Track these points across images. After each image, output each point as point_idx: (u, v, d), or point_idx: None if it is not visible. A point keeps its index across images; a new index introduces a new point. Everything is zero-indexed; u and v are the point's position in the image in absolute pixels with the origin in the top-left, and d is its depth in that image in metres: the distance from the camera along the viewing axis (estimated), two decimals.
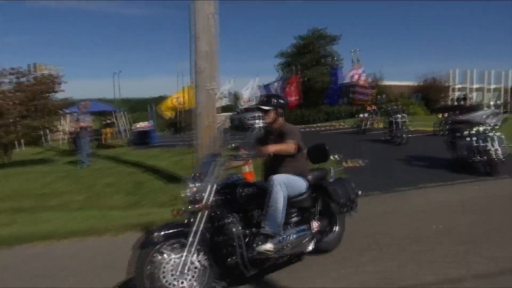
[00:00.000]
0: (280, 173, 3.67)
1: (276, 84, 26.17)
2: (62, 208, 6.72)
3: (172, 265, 3.01)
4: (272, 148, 3.55)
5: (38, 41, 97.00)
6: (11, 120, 12.15)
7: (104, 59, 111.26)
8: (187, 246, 3.05)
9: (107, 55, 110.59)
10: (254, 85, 26.53)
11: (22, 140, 14.44)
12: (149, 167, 10.55)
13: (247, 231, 3.39)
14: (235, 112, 26.06)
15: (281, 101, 3.98)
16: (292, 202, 3.66)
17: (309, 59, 30.88)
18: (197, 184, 3.24)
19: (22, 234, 5.26)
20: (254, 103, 27.55)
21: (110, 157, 13.44)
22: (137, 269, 2.93)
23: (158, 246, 3.00)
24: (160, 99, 31.64)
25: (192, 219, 3.15)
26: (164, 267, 3.01)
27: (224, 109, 20.26)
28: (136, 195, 7.62)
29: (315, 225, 3.83)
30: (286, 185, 3.54)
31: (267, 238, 3.40)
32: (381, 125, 16.87)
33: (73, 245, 4.95)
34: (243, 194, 3.44)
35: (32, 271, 4.12)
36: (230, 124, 24.08)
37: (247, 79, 28.43)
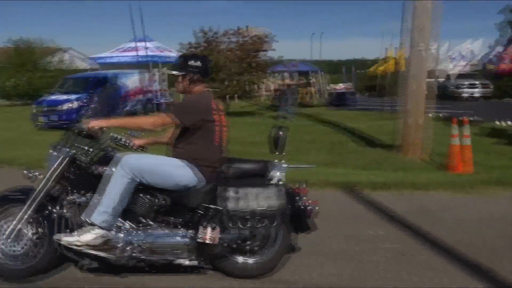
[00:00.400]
0: (174, 156, 2.94)
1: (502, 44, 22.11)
2: (266, 157, 7.40)
3: (5, 229, 2.96)
4: (106, 122, 2.83)
5: (247, 6, 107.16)
6: (225, 76, 13.97)
7: (302, 22, 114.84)
8: (19, 214, 2.89)
9: (307, 17, 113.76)
10: (474, 48, 23.03)
11: (236, 94, 16.40)
12: (346, 128, 10.64)
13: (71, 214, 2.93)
14: (444, 79, 23.15)
15: (198, 63, 2.98)
16: (173, 195, 2.89)
17: None
18: (53, 153, 2.94)
19: None
20: (467, 69, 24.21)
21: (308, 116, 14.05)
22: None
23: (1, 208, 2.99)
24: (357, 62, 31.00)
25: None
26: None
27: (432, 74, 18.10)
28: (333, 154, 7.78)
29: (207, 234, 2.83)
30: (142, 170, 2.75)
31: (80, 227, 2.81)
32: None
33: None
34: (88, 170, 2.93)
35: None
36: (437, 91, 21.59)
37: (463, 41, 24.56)
